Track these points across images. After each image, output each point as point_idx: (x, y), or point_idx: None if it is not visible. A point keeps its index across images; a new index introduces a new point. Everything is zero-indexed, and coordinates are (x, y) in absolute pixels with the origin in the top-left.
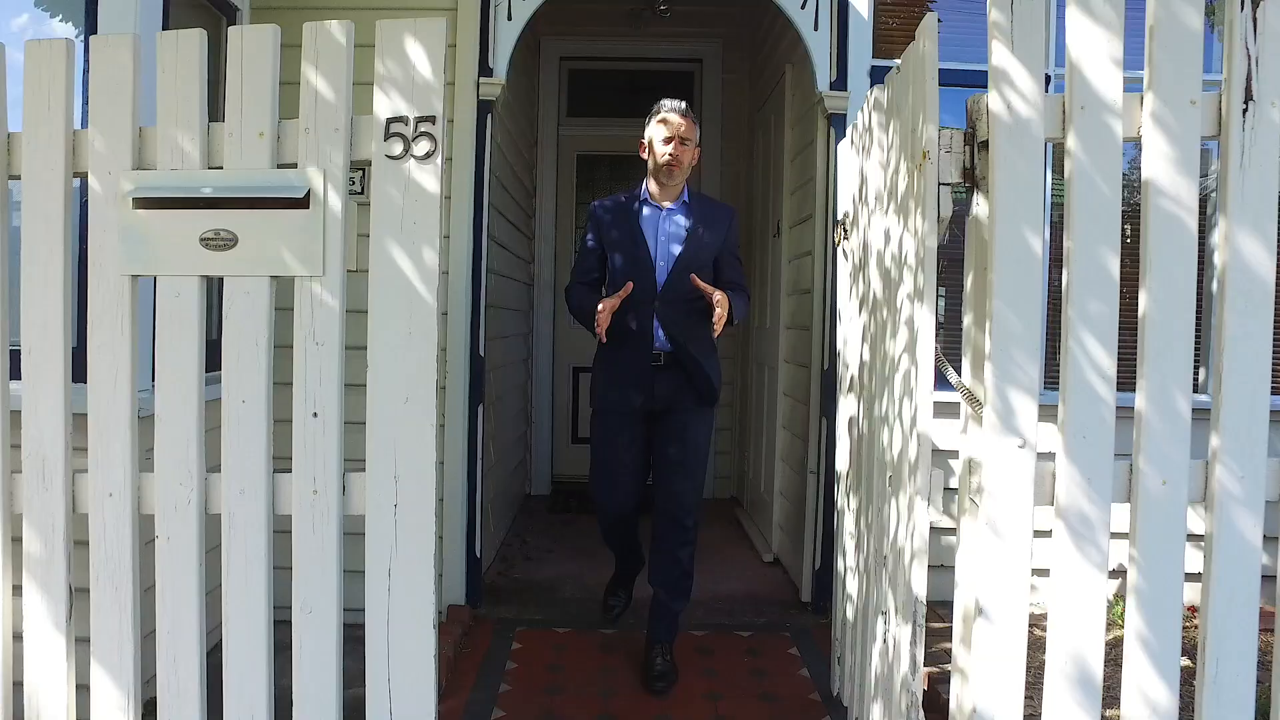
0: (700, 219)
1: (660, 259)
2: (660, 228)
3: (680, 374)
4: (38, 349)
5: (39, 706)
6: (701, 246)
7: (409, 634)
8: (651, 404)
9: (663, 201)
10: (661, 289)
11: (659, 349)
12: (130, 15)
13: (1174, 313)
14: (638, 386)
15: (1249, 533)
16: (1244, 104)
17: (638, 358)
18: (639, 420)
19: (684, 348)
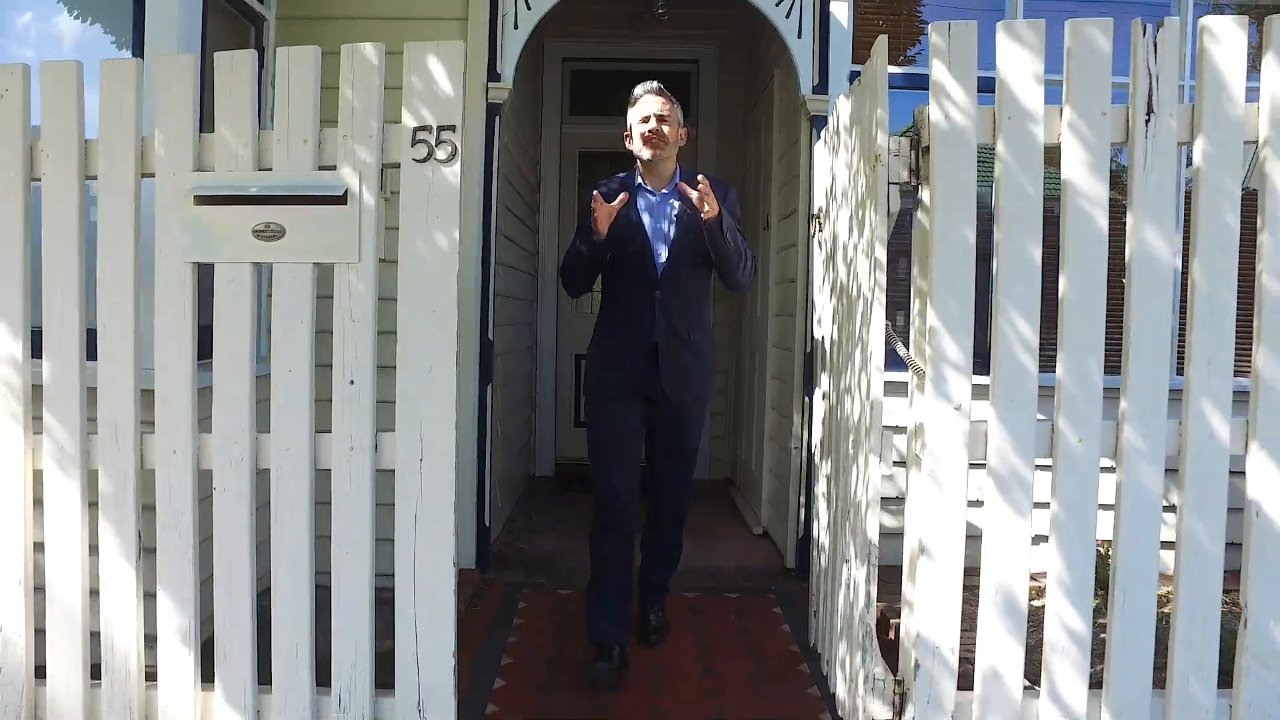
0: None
1: (658, 244)
2: (657, 212)
3: (679, 362)
4: (110, 328)
5: (113, 630)
6: (698, 226)
7: (433, 569)
8: (650, 391)
9: (657, 186)
10: (661, 276)
11: (657, 338)
12: (174, 28)
13: (1089, 294)
14: (637, 371)
15: (1151, 482)
16: (1146, 115)
17: (637, 344)
18: (637, 403)
19: (684, 335)
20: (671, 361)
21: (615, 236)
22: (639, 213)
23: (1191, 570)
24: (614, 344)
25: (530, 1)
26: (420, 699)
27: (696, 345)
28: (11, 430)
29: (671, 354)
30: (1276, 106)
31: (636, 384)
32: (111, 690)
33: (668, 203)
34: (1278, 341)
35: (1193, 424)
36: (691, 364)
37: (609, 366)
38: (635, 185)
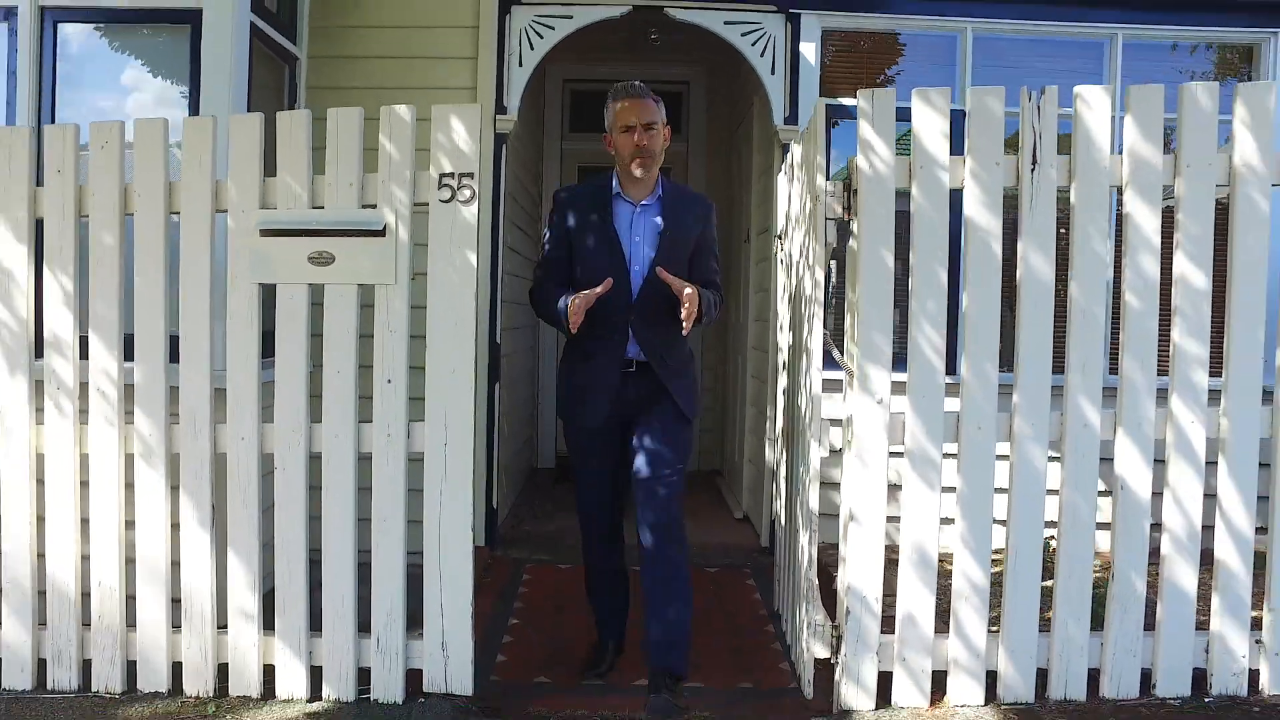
0: (675, 215)
1: (635, 263)
2: (634, 227)
3: (654, 382)
4: (190, 336)
5: (192, 587)
6: (677, 246)
7: (455, 531)
8: (622, 410)
9: (636, 197)
10: (637, 297)
11: (631, 357)
12: (225, 74)
13: (987, 307)
14: (606, 395)
15: (1037, 461)
16: (1032, 165)
17: (607, 370)
18: (611, 432)
19: (662, 361)
20: (644, 380)
21: (586, 252)
22: (614, 226)
23: (1070, 534)
24: (583, 372)
25: (533, 42)
26: (444, 639)
27: (673, 368)
28: (106, 430)
29: (645, 374)
30: (1134, 158)
31: (607, 409)
32: (190, 635)
33: (647, 217)
34: (1138, 348)
35: (1071, 415)
36: (666, 390)
37: (577, 398)
38: (612, 194)
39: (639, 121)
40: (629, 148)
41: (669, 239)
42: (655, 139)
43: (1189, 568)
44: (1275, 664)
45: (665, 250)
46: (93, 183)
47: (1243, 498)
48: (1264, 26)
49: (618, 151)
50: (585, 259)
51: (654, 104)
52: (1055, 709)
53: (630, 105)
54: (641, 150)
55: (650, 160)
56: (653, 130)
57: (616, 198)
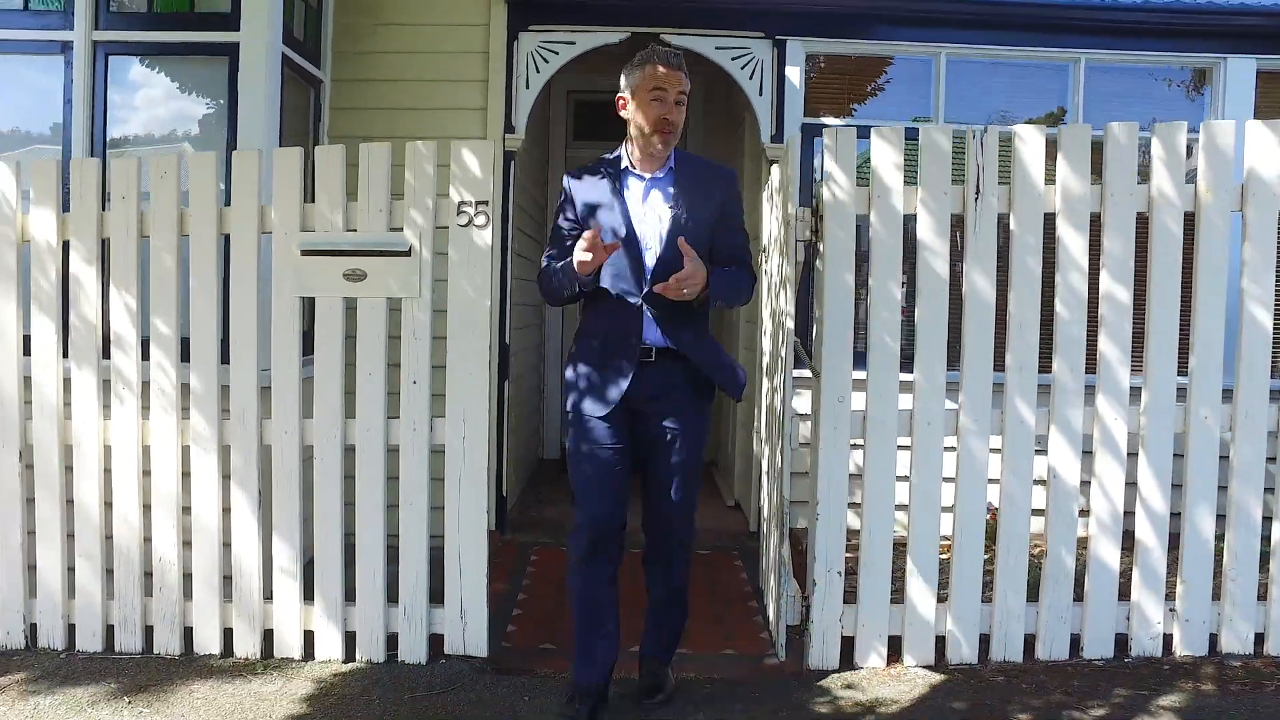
0: (690, 187)
1: (648, 242)
2: (648, 203)
3: (676, 367)
4: (239, 342)
5: (241, 562)
6: (695, 222)
7: (472, 513)
8: (637, 398)
9: (647, 170)
10: (651, 277)
11: (650, 344)
12: (260, 97)
13: (934, 318)
14: (619, 378)
15: (980, 453)
16: (975, 195)
17: (622, 355)
18: (620, 420)
19: (689, 343)
20: (664, 366)
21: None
22: (625, 203)
23: (1009, 517)
24: (595, 356)
25: (539, 66)
26: (462, 608)
27: (704, 352)
28: (166, 423)
29: (665, 358)
30: (1065, 188)
31: (620, 393)
32: (239, 605)
33: (660, 189)
34: (1068, 352)
35: (1009, 412)
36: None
37: (589, 382)
38: (622, 170)
39: (672, 91)
40: (654, 117)
41: (683, 213)
42: (680, 113)
43: (1112, 546)
44: (1186, 629)
45: (677, 228)
46: (153, 208)
47: (1159, 485)
48: (1216, 51)
49: (638, 118)
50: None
51: (687, 79)
52: (995, 669)
53: (667, 73)
54: (667, 122)
55: (673, 135)
56: (681, 105)
57: (626, 173)
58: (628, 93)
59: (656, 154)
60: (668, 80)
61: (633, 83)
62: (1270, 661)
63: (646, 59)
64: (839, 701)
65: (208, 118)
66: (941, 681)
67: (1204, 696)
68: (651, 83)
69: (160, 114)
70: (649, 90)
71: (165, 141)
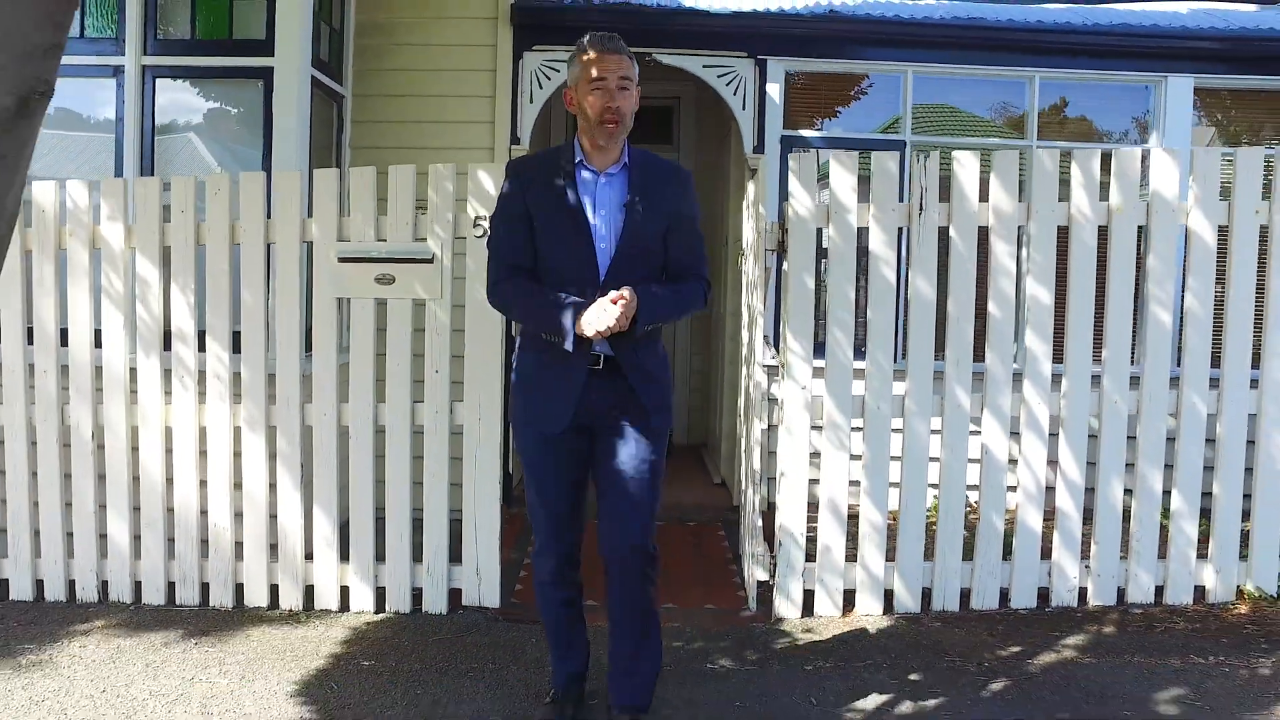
0: (644, 185)
1: (601, 240)
2: (600, 200)
3: (623, 383)
4: (284, 334)
5: (284, 525)
6: (647, 220)
7: (487, 484)
8: (586, 418)
9: (600, 165)
10: (605, 279)
11: (598, 351)
12: (292, 114)
13: (883, 316)
14: (565, 396)
15: (922, 433)
16: (920, 210)
17: (570, 367)
18: (573, 441)
19: (632, 359)
20: (612, 381)
21: (546, 230)
22: (579, 199)
23: (947, 488)
24: (540, 366)
25: (541, 83)
26: (478, 566)
27: (643, 367)
28: (221, 407)
29: (613, 372)
30: (997, 208)
31: (568, 413)
32: (284, 563)
33: (612, 188)
34: (998, 345)
35: (948, 397)
36: (638, 388)
37: (533, 398)
38: (575, 162)
39: (613, 76)
40: (598, 107)
41: (636, 213)
42: (628, 99)
43: (1036, 512)
44: (1098, 582)
45: (632, 226)
46: (209, 220)
47: (1076, 460)
48: (1158, 70)
49: (583, 111)
50: (545, 237)
51: (629, 60)
52: (935, 617)
53: (603, 58)
54: (612, 111)
55: (621, 124)
56: (626, 89)
57: (579, 166)
58: (572, 87)
59: (607, 148)
60: (604, 66)
61: (572, 76)
62: (1166, 609)
63: (580, 48)
64: (797, 641)
65: (244, 133)
66: (887, 626)
67: (1104, 636)
68: (589, 72)
69: (202, 130)
70: (588, 82)
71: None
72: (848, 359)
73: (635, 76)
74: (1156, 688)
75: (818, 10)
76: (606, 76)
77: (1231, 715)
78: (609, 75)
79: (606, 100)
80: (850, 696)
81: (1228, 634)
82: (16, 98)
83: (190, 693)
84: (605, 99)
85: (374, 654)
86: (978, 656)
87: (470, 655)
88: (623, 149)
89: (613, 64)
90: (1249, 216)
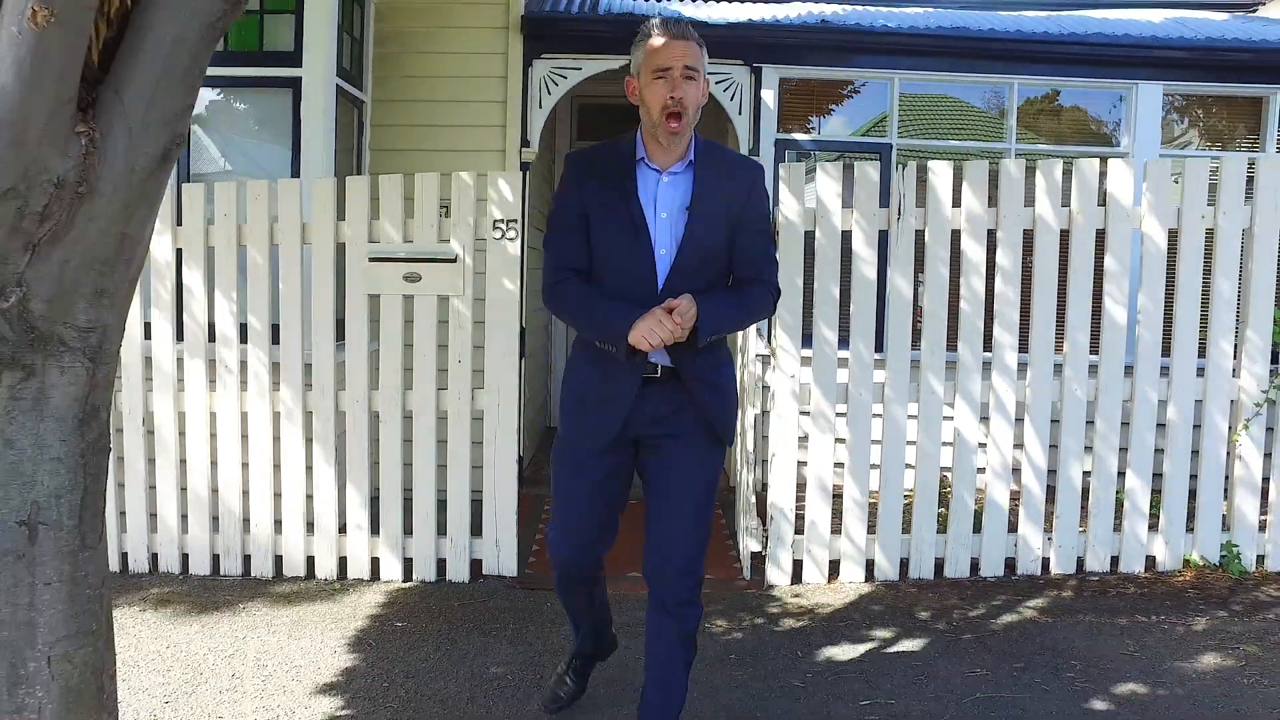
0: (709, 185)
1: (661, 246)
2: (661, 201)
3: (682, 393)
4: (319, 326)
5: (320, 505)
6: (711, 224)
7: (504, 464)
8: (639, 429)
9: (664, 163)
10: (664, 286)
11: (655, 361)
12: (319, 121)
13: (864, 310)
14: (618, 405)
15: (899, 417)
16: (899, 215)
17: (624, 376)
18: (618, 452)
19: (690, 364)
20: (670, 390)
21: (603, 232)
22: (638, 199)
23: (923, 467)
24: (595, 375)
25: (550, 89)
26: (497, 539)
27: (704, 376)
28: (262, 391)
29: (671, 382)
30: (969, 212)
31: (618, 423)
32: (320, 537)
33: (675, 188)
34: (969, 338)
35: (924, 386)
36: (699, 398)
37: (585, 407)
38: (635, 159)
39: (678, 66)
40: (660, 100)
41: (699, 216)
42: (694, 90)
43: (1003, 489)
44: (1059, 553)
45: (694, 231)
46: (250, 223)
47: (1040, 443)
48: (1129, 78)
49: (645, 104)
50: (603, 240)
51: (698, 48)
52: (911, 584)
53: (669, 45)
54: (676, 103)
55: (685, 120)
56: (693, 79)
57: (640, 164)
58: (635, 75)
59: (671, 144)
60: (670, 54)
61: (636, 63)
62: (1120, 576)
63: (646, 33)
64: (787, 605)
65: (274, 139)
66: (868, 592)
67: (1062, 600)
68: (653, 62)
69: (233, 136)
70: (651, 71)
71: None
72: (833, 350)
73: (703, 66)
74: (1102, 642)
75: (810, 21)
76: (671, 65)
77: (1165, 663)
78: (674, 64)
79: (669, 90)
80: (830, 648)
81: (1172, 597)
82: (162, 150)
83: (244, 649)
84: (667, 89)
85: (406, 616)
86: (947, 617)
87: (492, 616)
88: (689, 144)
89: (679, 51)
90: (1196, 221)
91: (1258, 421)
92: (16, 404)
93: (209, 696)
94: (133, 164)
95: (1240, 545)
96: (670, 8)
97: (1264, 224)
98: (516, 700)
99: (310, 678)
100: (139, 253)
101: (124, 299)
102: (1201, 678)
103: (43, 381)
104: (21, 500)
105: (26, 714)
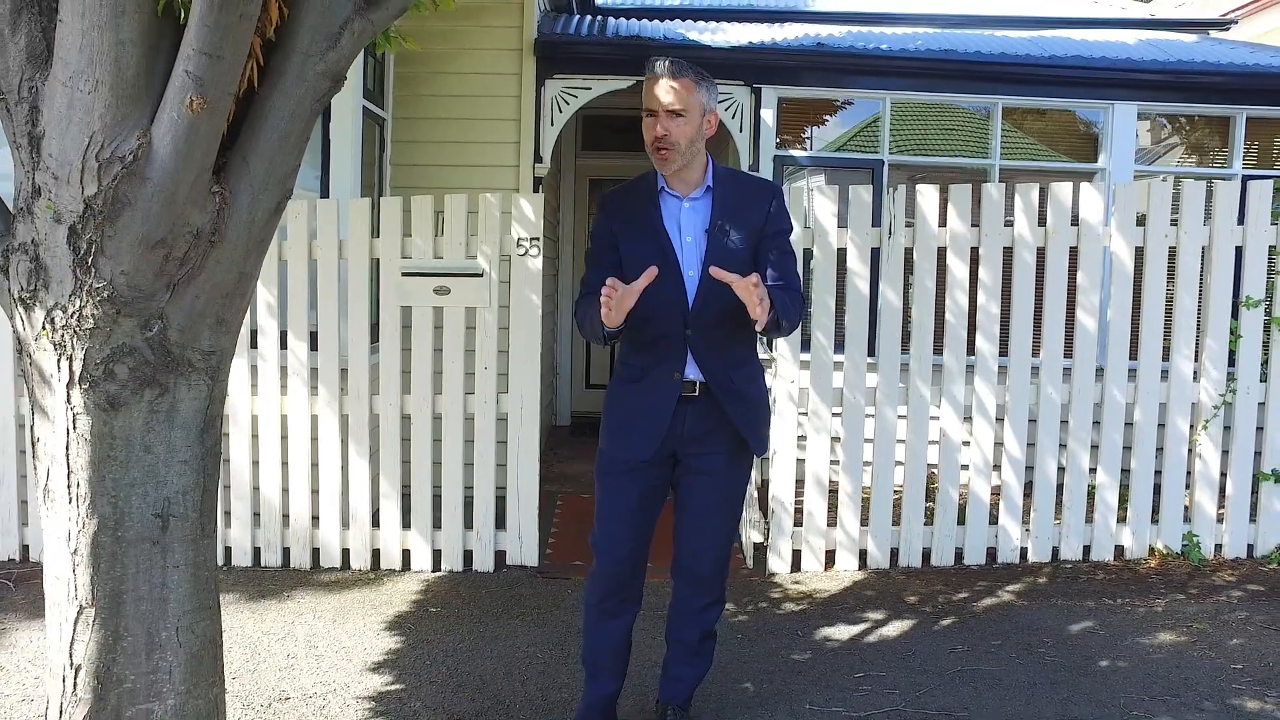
0: (729, 206)
1: (689, 268)
2: (685, 225)
3: (716, 409)
4: (355, 335)
5: (355, 500)
6: (733, 243)
7: (526, 461)
8: (678, 445)
9: (684, 190)
10: (694, 307)
11: (691, 379)
12: (348, 138)
13: (858, 321)
14: (657, 424)
15: (890, 418)
16: (889, 234)
17: (661, 393)
18: (656, 471)
19: (726, 383)
20: (704, 406)
21: (634, 259)
22: (664, 225)
23: (911, 461)
24: (633, 396)
25: (561, 107)
26: (519, 531)
27: (736, 389)
28: (302, 394)
29: (705, 397)
30: (953, 232)
31: (656, 442)
32: (355, 530)
33: (697, 213)
34: (953, 346)
35: (912, 389)
36: (732, 414)
37: (624, 428)
38: (658, 190)
39: (660, 106)
40: (648, 136)
41: (720, 237)
42: (681, 127)
43: (985, 484)
44: (1036, 543)
45: (717, 250)
46: (290, 239)
47: (1018, 441)
48: (1106, 98)
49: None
50: (635, 266)
51: (680, 87)
52: (901, 572)
53: (658, 86)
54: (659, 140)
55: (671, 152)
56: (679, 117)
57: (662, 193)
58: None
59: (671, 173)
60: (655, 97)
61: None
62: (1091, 564)
63: (647, 70)
64: (787, 590)
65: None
66: (861, 579)
67: (1037, 585)
68: (645, 100)
69: None
70: (645, 108)
71: None
72: (829, 357)
73: (696, 102)
74: (1071, 621)
75: (807, 43)
76: (654, 109)
77: (1126, 639)
78: (657, 107)
79: (653, 129)
80: (827, 629)
81: (1137, 583)
82: (276, 203)
83: (294, 632)
84: (652, 129)
85: (438, 602)
86: (933, 601)
87: (518, 603)
88: (705, 171)
89: (662, 91)
90: (1159, 240)
91: (1216, 422)
92: (154, 416)
93: (270, 674)
94: (254, 216)
95: (1200, 535)
96: (676, 31)
97: (1221, 242)
98: (547, 675)
99: (359, 657)
100: (251, 287)
101: (238, 327)
102: (1158, 651)
103: (174, 397)
104: (157, 496)
105: (160, 674)
